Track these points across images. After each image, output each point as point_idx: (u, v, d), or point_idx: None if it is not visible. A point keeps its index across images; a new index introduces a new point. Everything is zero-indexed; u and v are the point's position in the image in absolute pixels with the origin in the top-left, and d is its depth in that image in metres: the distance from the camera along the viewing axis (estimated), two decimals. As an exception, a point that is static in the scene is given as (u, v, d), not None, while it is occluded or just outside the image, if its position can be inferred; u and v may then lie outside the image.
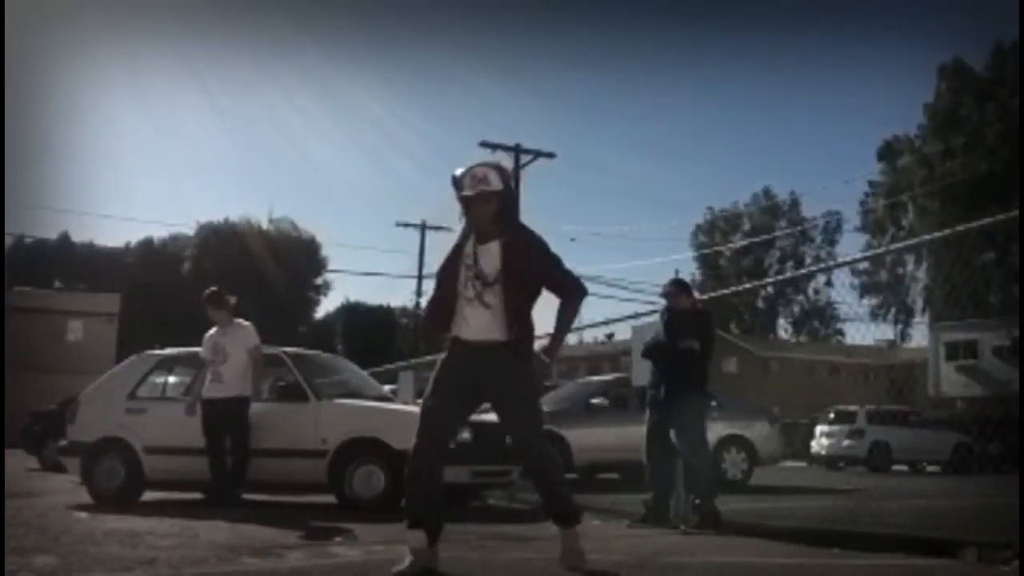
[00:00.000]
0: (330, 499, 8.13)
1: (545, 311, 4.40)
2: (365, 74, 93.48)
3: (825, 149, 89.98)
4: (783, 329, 66.02)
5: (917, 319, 54.12)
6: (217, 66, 76.76)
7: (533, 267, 4.27)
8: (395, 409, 8.68)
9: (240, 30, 66.96)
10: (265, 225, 53.53)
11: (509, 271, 4.18)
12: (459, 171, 4.26)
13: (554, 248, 4.39)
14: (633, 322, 8.13)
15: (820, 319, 65.36)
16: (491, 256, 4.21)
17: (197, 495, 8.63)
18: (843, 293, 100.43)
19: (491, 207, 4.19)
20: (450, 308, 4.26)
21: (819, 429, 25.21)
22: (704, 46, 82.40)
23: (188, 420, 8.17)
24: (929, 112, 46.61)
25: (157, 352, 9.62)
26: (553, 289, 4.34)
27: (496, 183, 4.17)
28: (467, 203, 4.20)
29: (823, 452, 24.37)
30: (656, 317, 7.25)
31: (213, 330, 8.46)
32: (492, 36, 74.27)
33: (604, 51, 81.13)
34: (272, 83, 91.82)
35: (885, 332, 55.40)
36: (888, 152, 51.52)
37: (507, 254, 4.20)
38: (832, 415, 25.02)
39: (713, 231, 65.51)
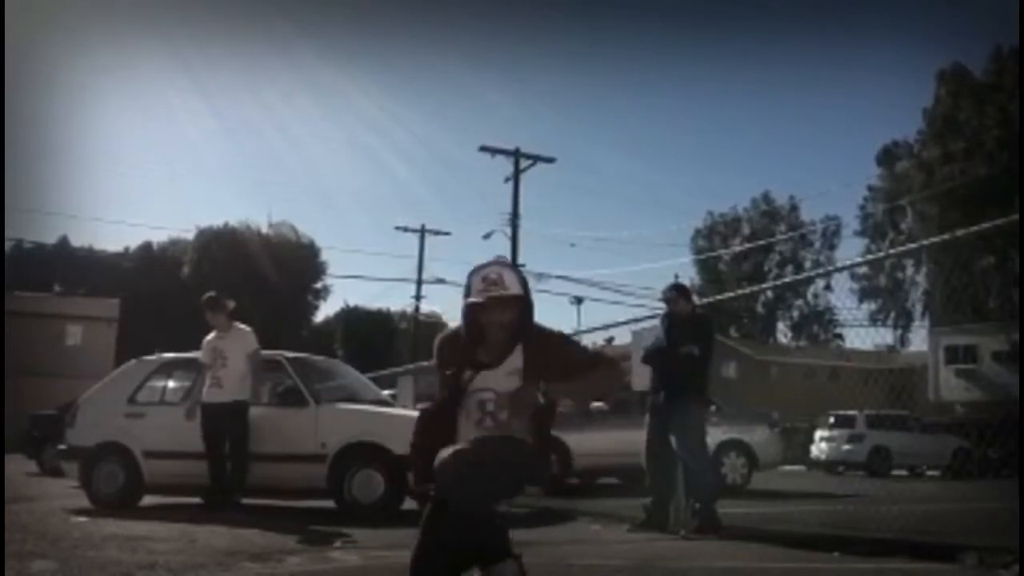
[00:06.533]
0: (329, 504, 8.12)
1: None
2: (364, 77, 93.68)
3: (824, 154, 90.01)
4: (783, 334, 65.94)
5: (917, 323, 54.09)
6: (216, 69, 77.01)
7: (560, 356, 3.20)
8: (394, 414, 8.68)
9: (239, 33, 67.00)
10: (265, 229, 53.60)
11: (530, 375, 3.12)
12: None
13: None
14: (633, 326, 8.13)
15: (819, 323, 65.27)
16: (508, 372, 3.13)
17: (196, 499, 8.62)
18: (842, 297, 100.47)
19: (508, 315, 3.11)
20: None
21: (819, 433, 25.18)
22: (703, 50, 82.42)
23: (187, 424, 8.16)
24: (928, 117, 46.64)
25: (156, 356, 9.63)
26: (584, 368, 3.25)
27: (514, 286, 3.13)
28: (475, 311, 3.12)
29: (823, 456, 24.34)
30: (656, 322, 7.25)
31: (212, 335, 8.46)
32: (492, 39, 74.17)
33: (604, 55, 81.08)
34: (271, 86, 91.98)
35: (885, 336, 55.46)
36: (887, 157, 51.60)
37: (530, 357, 3.14)
38: (832, 419, 24.98)
39: (713, 236, 65.48)
